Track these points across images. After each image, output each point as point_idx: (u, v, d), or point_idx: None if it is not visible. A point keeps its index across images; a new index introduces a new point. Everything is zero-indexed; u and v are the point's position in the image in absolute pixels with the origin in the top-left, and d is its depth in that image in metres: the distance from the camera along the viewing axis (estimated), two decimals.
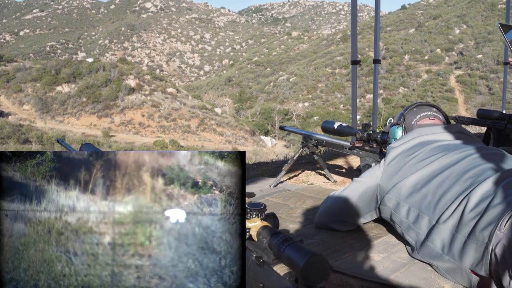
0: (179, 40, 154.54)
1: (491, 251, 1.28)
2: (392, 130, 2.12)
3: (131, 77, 50.08)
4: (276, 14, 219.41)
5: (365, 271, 1.56)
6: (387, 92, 61.88)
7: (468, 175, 1.52)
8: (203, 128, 45.71)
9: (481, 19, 71.92)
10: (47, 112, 46.48)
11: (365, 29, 79.86)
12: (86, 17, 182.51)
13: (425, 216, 1.54)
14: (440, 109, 2.10)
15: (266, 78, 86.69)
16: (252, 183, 3.13)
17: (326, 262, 0.70)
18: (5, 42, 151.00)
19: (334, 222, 1.98)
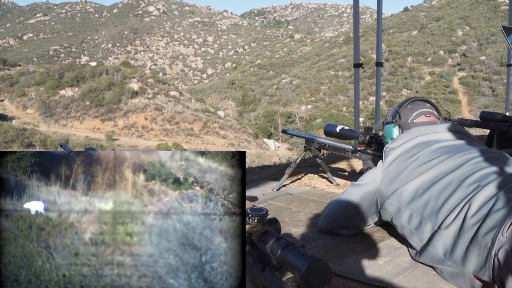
0: (182, 44, 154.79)
1: (494, 256, 1.27)
2: (387, 129, 2.09)
3: (134, 81, 50.16)
4: (279, 17, 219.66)
5: (368, 275, 1.55)
6: (390, 94, 61.79)
7: (470, 180, 1.50)
8: (206, 131, 45.72)
9: (484, 21, 71.80)
10: (50, 116, 46.59)
11: (368, 31, 79.83)
12: (89, 21, 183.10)
13: (427, 223, 1.53)
14: (433, 104, 2.08)
15: (269, 81, 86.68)
16: (255, 186, 3.13)
17: (328, 267, 0.70)
18: (9, 46, 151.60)
19: (336, 227, 1.97)
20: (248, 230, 0.83)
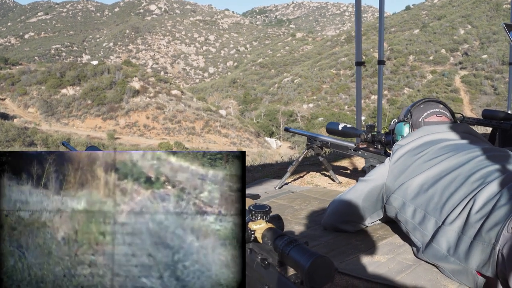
0: (184, 42, 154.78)
1: (498, 252, 1.27)
2: (398, 127, 2.10)
3: (136, 80, 50.23)
4: (280, 16, 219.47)
5: (370, 272, 1.55)
6: (392, 93, 61.77)
7: (475, 177, 1.50)
8: (208, 130, 45.76)
9: (486, 19, 71.67)
10: (52, 115, 46.68)
11: (370, 30, 79.61)
12: (91, 20, 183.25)
13: (431, 218, 1.53)
14: (447, 106, 2.07)
15: (270, 79, 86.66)
16: (257, 184, 3.13)
17: (331, 264, 0.70)
18: (10, 45, 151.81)
19: (341, 223, 1.97)
20: (251, 227, 0.83)
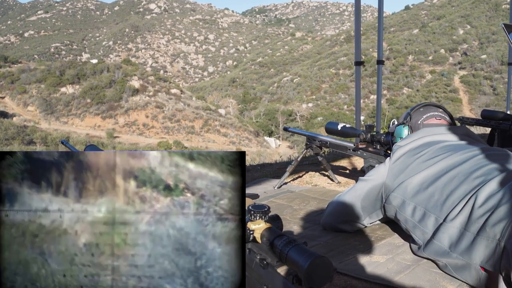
0: (183, 41, 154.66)
1: (502, 247, 1.28)
2: (398, 129, 2.12)
3: (135, 78, 50.15)
4: (280, 15, 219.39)
5: (369, 273, 1.55)
6: (391, 93, 61.81)
7: (476, 174, 1.52)
8: (207, 129, 45.72)
9: (485, 19, 71.73)
10: (51, 113, 46.60)
11: (369, 29, 79.62)
12: (90, 19, 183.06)
13: (431, 215, 1.54)
14: (446, 110, 2.10)
15: (270, 79, 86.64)
16: (256, 184, 3.13)
17: (330, 264, 0.70)
18: (10, 44, 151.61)
19: (340, 223, 1.98)
20: (250, 227, 0.83)
